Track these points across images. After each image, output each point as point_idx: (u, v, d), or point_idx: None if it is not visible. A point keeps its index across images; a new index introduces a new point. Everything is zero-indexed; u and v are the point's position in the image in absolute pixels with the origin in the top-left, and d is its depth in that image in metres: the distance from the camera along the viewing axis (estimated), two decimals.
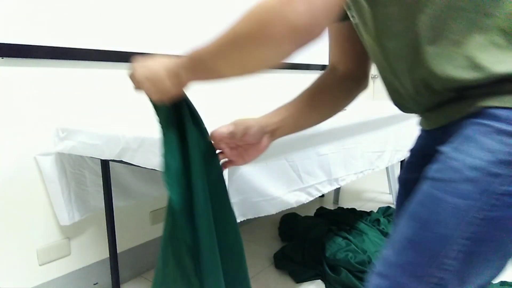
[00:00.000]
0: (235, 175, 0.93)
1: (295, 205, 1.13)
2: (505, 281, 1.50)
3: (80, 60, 1.38)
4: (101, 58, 1.44)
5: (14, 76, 1.22)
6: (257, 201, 1.00)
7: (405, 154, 1.90)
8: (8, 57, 1.19)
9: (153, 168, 0.98)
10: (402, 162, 1.99)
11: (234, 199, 0.92)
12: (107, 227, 1.34)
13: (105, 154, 1.12)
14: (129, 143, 1.03)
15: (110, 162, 1.27)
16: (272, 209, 1.04)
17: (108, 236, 1.35)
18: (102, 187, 1.32)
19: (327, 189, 1.28)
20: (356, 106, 1.89)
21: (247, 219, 0.96)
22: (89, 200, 1.40)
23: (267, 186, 1.02)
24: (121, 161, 1.08)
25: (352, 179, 1.40)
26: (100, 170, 1.31)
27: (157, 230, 1.75)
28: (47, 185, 1.31)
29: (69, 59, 1.34)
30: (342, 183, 1.35)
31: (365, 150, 1.49)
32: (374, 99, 4.03)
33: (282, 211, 2.43)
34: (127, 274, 1.61)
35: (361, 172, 1.48)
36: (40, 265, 1.34)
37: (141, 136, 1.00)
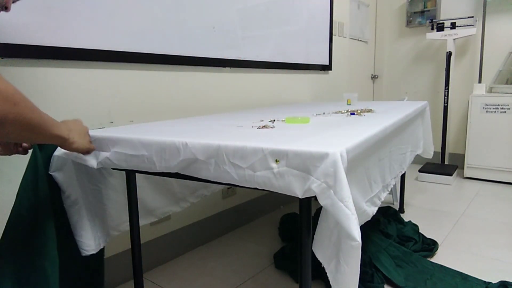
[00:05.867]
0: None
1: (369, 218, 1.01)
2: (505, 281, 1.50)
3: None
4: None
5: (16, 76, 1.22)
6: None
7: (415, 154, 1.90)
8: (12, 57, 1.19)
9: (229, 183, 0.86)
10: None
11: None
12: (132, 247, 1.26)
13: (157, 166, 0.95)
14: (194, 153, 0.89)
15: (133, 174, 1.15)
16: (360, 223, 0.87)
17: (133, 255, 1.27)
18: (118, 203, 1.23)
19: (382, 197, 1.16)
20: (363, 106, 1.92)
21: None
22: (107, 221, 1.23)
23: (355, 197, 0.89)
24: (179, 176, 0.94)
25: (392, 184, 1.31)
26: (113, 184, 1.19)
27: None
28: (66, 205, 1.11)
29: (82, 59, 1.35)
30: (389, 189, 1.26)
31: (397, 152, 1.47)
32: (374, 99, 4.03)
33: (282, 211, 2.44)
34: (126, 275, 1.61)
35: (397, 175, 1.41)
36: None
37: (214, 144, 0.86)
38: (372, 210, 1.05)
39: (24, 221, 0.99)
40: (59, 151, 1.06)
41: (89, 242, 1.13)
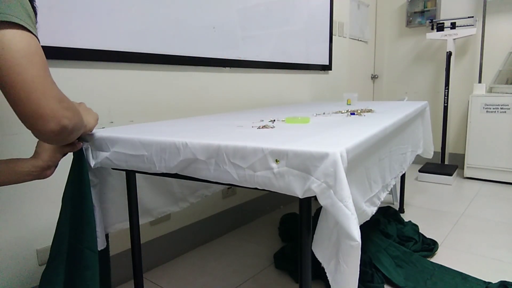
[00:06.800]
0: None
1: (368, 218, 1.01)
2: (505, 281, 1.50)
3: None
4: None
5: None
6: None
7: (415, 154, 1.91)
8: None
9: (230, 183, 0.85)
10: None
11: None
12: (132, 247, 1.26)
13: (157, 166, 0.95)
14: (194, 153, 0.89)
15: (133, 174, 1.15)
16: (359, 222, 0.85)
17: (133, 255, 1.27)
18: (115, 202, 1.22)
19: (382, 197, 1.16)
20: (363, 106, 1.92)
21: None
22: (107, 219, 1.23)
23: (355, 197, 0.88)
24: (179, 176, 0.94)
25: (392, 184, 1.32)
26: (112, 183, 1.18)
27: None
28: None
29: (76, 59, 1.35)
30: (389, 189, 1.26)
31: (398, 152, 1.47)
32: (374, 99, 4.03)
33: (282, 211, 2.44)
34: (126, 275, 1.61)
35: (397, 175, 1.41)
36: (39, 265, 1.34)
37: (214, 144, 0.85)
38: (372, 210, 1.05)
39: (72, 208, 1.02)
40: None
41: (100, 239, 1.12)
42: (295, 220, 2.17)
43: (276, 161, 0.78)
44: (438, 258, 1.79)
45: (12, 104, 0.72)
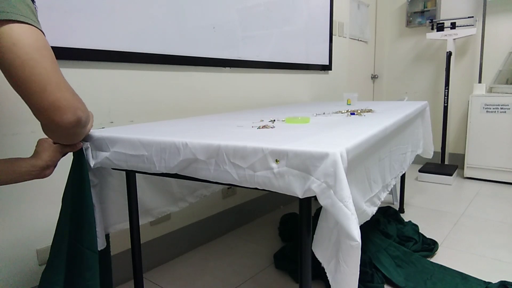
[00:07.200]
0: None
1: (368, 218, 1.02)
2: (505, 281, 1.50)
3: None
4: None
5: None
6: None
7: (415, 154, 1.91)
8: None
9: (230, 183, 0.85)
10: None
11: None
12: (132, 247, 1.26)
13: (157, 166, 0.94)
14: (194, 153, 0.89)
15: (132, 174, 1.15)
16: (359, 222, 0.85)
17: (133, 255, 1.27)
18: (115, 203, 1.22)
19: (382, 197, 1.16)
20: (363, 106, 1.92)
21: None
22: (107, 219, 1.23)
23: (355, 197, 0.88)
24: (179, 176, 0.93)
25: (393, 184, 1.32)
26: (112, 183, 1.18)
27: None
28: None
29: (76, 59, 1.35)
30: (389, 189, 1.26)
31: (398, 152, 1.47)
32: (374, 99, 4.03)
33: (282, 211, 2.44)
34: (126, 275, 1.61)
35: (397, 175, 1.42)
36: (39, 265, 1.34)
37: (214, 144, 0.85)
38: (372, 210, 1.05)
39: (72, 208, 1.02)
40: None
41: (99, 239, 1.12)
42: (295, 220, 2.17)
43: (276, 161, 0.78)
44: (438, 258, 1.79)
45: (27, 99, 0.72)
